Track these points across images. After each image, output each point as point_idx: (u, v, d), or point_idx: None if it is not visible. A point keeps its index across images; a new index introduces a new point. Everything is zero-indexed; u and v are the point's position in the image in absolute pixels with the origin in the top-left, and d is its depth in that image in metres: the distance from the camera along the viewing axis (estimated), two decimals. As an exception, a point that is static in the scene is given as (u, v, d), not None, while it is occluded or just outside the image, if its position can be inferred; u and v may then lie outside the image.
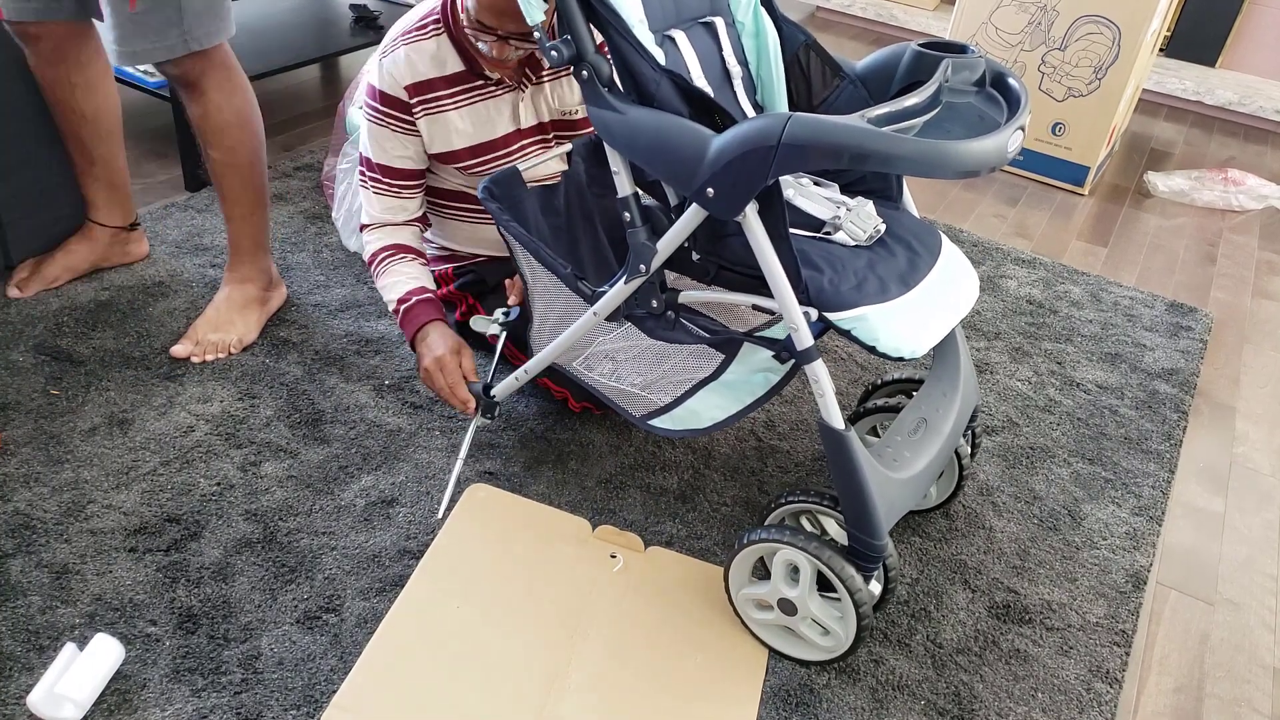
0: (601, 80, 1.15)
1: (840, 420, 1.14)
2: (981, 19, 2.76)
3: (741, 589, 1.29)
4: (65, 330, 1.70)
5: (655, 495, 1.52)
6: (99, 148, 1.72)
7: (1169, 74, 3.52)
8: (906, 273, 1.22)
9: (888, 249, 1.25)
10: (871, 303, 1.14)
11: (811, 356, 1.14)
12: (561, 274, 1.33)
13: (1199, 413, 1.90)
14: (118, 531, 1.35)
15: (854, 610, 1.18)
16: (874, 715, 1.23)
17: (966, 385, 1.37)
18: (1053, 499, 1.61)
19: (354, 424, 1.58)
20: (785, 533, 1.21)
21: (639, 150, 1.14)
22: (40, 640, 1.20)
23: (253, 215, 1.72)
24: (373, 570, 1.34)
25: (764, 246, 1.10)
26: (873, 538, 1.16)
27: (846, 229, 1.24)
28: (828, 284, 1.14)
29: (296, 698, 1.17)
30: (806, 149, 0.99)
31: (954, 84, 1.15)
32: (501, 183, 1.42)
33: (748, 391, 1.28)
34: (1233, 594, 1.50)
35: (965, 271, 1.30)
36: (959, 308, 1.24)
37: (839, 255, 1.21)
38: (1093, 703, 1.28)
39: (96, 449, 1.47)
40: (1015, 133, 1.01)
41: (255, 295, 1.75)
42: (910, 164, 0.96)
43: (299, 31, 2.59)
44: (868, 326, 1.13)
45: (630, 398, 1.37)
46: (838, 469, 1.16)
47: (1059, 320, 2.12)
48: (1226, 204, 2.79)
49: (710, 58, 1.35)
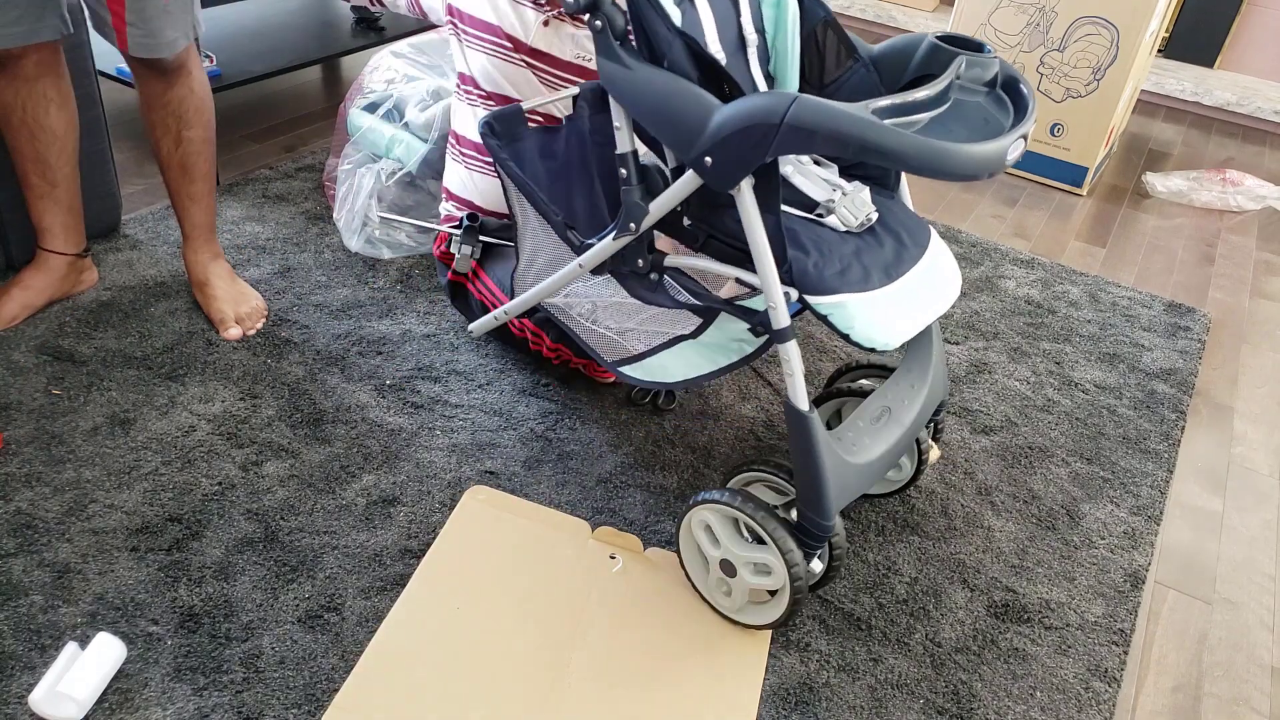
0: (615, 33, 1.15)
1: (805, 401, 1.16)
2: (980, 20, 2.77)
3: (703, 581, 1.32)
4: (67, 330, 1.70)
5: (655, 495, 1.52)
6: (65, 167, 1.68)
7: (1167, 75, 3.52)
8: (891, 264, 1.23)
9: (876, 238, 1.26)
10: (852, 290, 1.16)
11: (786, 336, 1.15)
12: (553, 221, 1.34)
13: (1197, 413, 1.90)
14: (119, 531, 1.35)
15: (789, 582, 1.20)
16: (873, 714, 1.23)
17: (935, 379, 1.38)
18: (1051, 498, 1.61)
19: (355, 424, 1.59)
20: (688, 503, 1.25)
21: (643, 109, 1.14)
22: (42, 639, 1.20)
23: (213, 191, 1.77)
24: (374, 569, 1.34)
25: (753, 222, 1.11)
26: (821, 517, 1.19)
27: (839, 214, 1.25)
28: (812, 267, 1.15)
29: (298, 696, 1.17)
30: (808, 133, 1.00)
31: (965, 81, 1.15)
32: (503, 119, 1.42)
33: (722, 354, 1.30)
34: (1231, 593, 1.50)
35: (949, 269, 1.31)
36: (937, 305, 1.25)
37: (827, 239, 1.22)
38: (1091, 702, 1.28)
39: (98, 449, 1.48)
40: (1017, 141, 1.02)
41: (228, 265, 1.83)
42: (910, 162, 0.96)
43: (300, 33, 2.60)
44: (844, 313, 1.14)
45: (605, 341, 1.38)
46: (797, 448, 1.18)
47: (1057, 320, 2.13)
48: (1225, 204, 2.79)
49: (728, 22, 1.34)
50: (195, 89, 1.64)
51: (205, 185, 1.74)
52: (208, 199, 1.76)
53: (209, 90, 1.69)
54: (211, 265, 1.79)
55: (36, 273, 1.74)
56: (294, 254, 2.01)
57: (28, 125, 1.60)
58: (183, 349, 1.70)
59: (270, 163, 2.37)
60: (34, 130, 1.61)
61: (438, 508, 1.45)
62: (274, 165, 2.34)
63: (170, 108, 1.63)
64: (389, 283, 1.95)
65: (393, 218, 2.00)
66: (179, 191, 1.73)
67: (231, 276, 1.81)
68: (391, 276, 1.97)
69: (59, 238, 1.74)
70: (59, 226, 1.73)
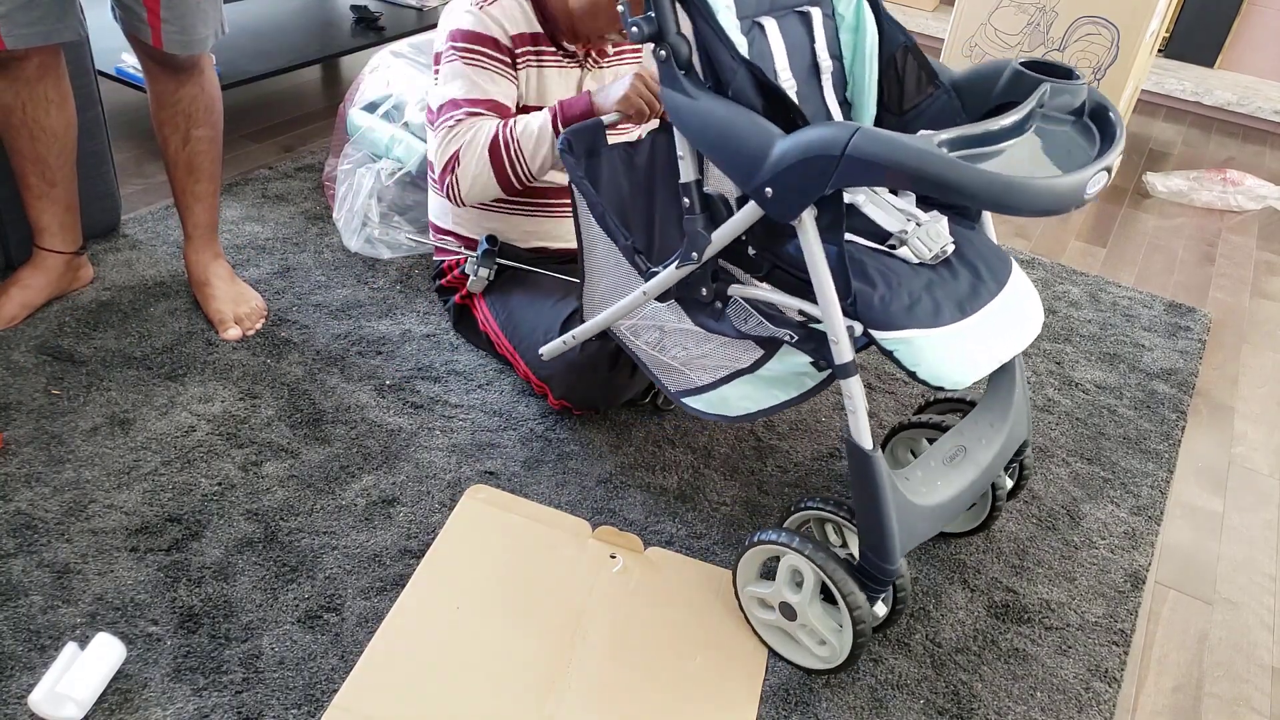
0: (679, 62, 1.13)
1: (869, 440, 1.12)
2: (980, 20, 2.76)
3: (748, 585, 1.29)
4: (66, 330, 1.70)
5: (655, 495, 1.52)
6: (64, 167, 1.68)
7: (1167, 74, 3.52)
8: (966, 299, 1.17)
9: (952, 271, 1.20)
10: (920, 326, 1.11)
11: (849, 371, 1.11)
12: (621, 244, 1.32)
13: (1197, 413, 1.90)
14: (119, 531, 1.35)
15: (852, 626, 1.17)
16: (873, 714, 1.23)
17: (1017, 419, 1.31)
18: (1051, 499, 1.61)
19: (355, 424, 1.58)
20: (794, 539, 1.19)
21: (705, 139, 1.12)
22: (41, 640, 1.20)
23: (218, 192, 1.78)
24: (373, 570, 1.34)
25: (815, 254, 1.08)
26: (885, 561, 1.14)
27: (912, 245, 1.20)
28: (878, 300, 1.11)
29: (297, 697, 1.17)
30: (869, 165, 0.96)
31: (1051, 110, 1.10)
32: (582, 135, 1.39)
33: (781, 389, 1.27)
34: (1231, 594, 1.50)
35: (1031, 304, 1.24)
36: (1015, 343, 1.19)
37: (898, 271, 1.17)
38: (1091, 702, 1.28)
39: (98, 449, 1.48)
40: (1099, 174, 0.96)
41: (228, 266, 1.84)
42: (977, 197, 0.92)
43: (300, 32, 2.60)
44: (911, 350, 1.09)
45: (670, 370, 1.36)
46: (859, 489, 1.13)
47: (1058, 320, 2.13)
48: (1225, 204, 2.79)
49: (800, 49, 1.31)
50: (206, 88, 1.66)
51: (210, 185, 1.75)
52: (212, 199, 1.76)
53: (219, 90, 1.70)
54: (212, 265, 1.79)
55: (34, 271, 1.74)
56: (293, 254, 2.01)
57: (28, 126, 1.60)
58: (182, 349, 1.70)
59: (270, 163, 2.36)
60: (34, 131, 1.61)
61: (438, 508, 1.45)
62: (273, 165, 2.34)
63: (180, 106, 1.64)
64: (389, 283, 1.95)
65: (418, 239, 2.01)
66: (184, 190, 1.74)
67: (231, 277, 1.81)
68: (391, 276, 1.97)
69: (56, 236, 1.74)
70: (56, 225, 1.73)
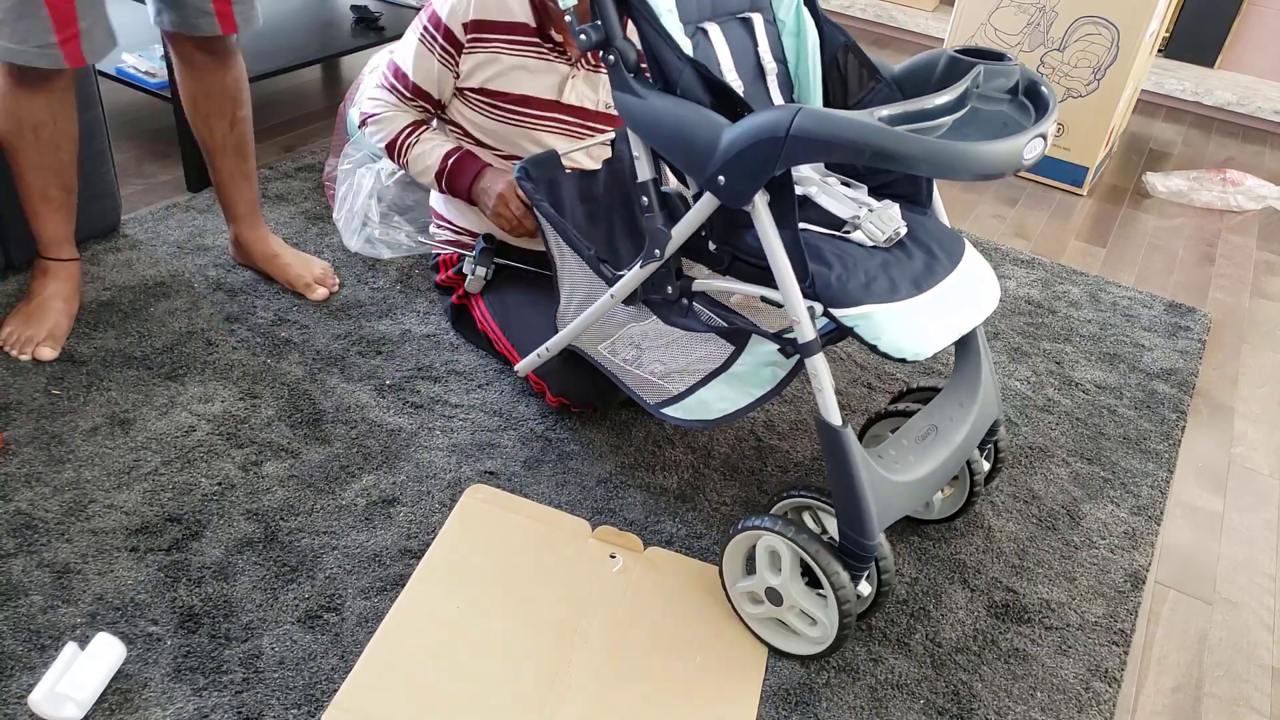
0: (628, 66, 1.19)
1: (837, 416, 1.15)
2: (980, 20, 2.76)
3: (736, 583, 1.30)
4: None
5: (655, 495, 1.52)
6: (75, 172, 1.66)
7: (1168, 74, 3.52)
8: (921, 276, 1.21)
9: (906, 252, 1.25)
10: (878, 301, 1.14)
11: (812, 350, 1.15)
12: (585, 255, 1.37)
13: (1197, 413, 1.90)
14: (119, 531, 1.35)
15: (834, 597, 1.18)
16: (873, 714, 1.23)
17: (985, 397, 1.35)
18: (1051, 499, 1.61)
19: (355, 424, 1.58)
20: (764, 520, 1.22)
21: (658, 136, 1.17)
22: (41, 640, 1.20)
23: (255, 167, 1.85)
24: (373, 570, 1.34)
25: (770, 237, 1.11)
26: (863, 536, 1.16)
27: (865, 228, 1.25)
28: (835, 280, 1.15)
29: (297, 697, 1.17)
30: (814, 142, 1.00)
31: (986, 91, 1.15)
32: (540, 164, 1.48)
33: (756, 384, 1.30)
34: (1231, 594, 1.50)
35: (986, 279, 1.29)
36: (973, 315, 1.23)
37: (853, 254, 1.21)
38: (1091, 702, 1.28)
39: (98, 449, 1.48)
40: (1034, 140, 1.00)
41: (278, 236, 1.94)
42: (919, 163, 0.96)
43: (300, 32, 2.60)
44: (871, 324, 1.13)
45: (647, 385, 1.40)
46: (833, 465, 1.16)
47: (1057, 320, 2.13)
48: (1225, 204, 2.79)
49: (744, 53, 1.37)
50: (243, 69, 1.72)
51: (253, 161, 1.82)
52: (254, 175, 1.84)
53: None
54: (270, 238, 1.88)
55: (65, 283, 1.71)
56: (294, 254, 2.01)
57: (56, 138, 1.58)
58: (182, 349, 1.70)
59: (270, 162, 2.36)
60: (60, 140, 1.59)
61: (437, 508, 1.45)
62: (274, 165, 2.34)
63: (228, 90, 1.69)
64: (389, 283, 1.95)
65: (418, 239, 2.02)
66: (233, 173, 1.78)
67: (287, 245, 1.90)
68: (391, 276, 1.97)
69: (69, 244, 1.73)
70: (66, 233, 1.72)
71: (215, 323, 1.77)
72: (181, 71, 1.69)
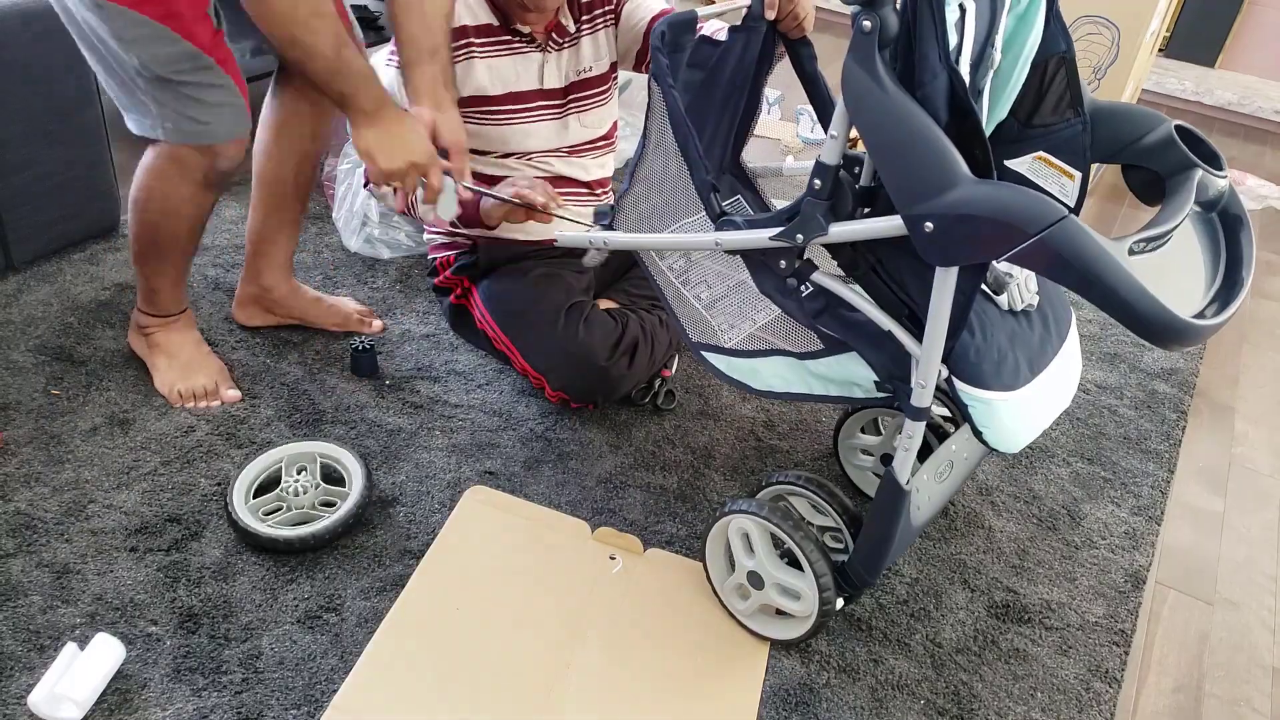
0: (883, 40, 0.96)
1: (908, 476, 1.14)
2: (981, 19, 2.76)
3: (723, 581, 1.31)
4: (66, 330, 1.70)
5: (655, 495, 1.52)
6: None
7: (1168, 74, 3.52)
8: (1035, 355, 1.16)
9: (1029, 321, 1.19)
10: (1002, 389, 1.10)
11: (922, 416, 1.10)
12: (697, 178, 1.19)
13: (1198, 413, 1.90)
14: (118, 531, 1.35)
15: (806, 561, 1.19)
16: (873, 715, 1.23)
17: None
18: (1052, 499, 1.61)
19: (354, 424, 1.58)
20: (732, 503, 1.24)
21: (879, 137, 0.98)
22: (41, 640, 1.20)
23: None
24: (373, 570, 1.34)
25: (943, 300, 1.01)
26: (871, 575, 1.20)
27: (1010, 293, 1.16)
28: (974, 353, 1.08)
29: (297, 697, 1.17)
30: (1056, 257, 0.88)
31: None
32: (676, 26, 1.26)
33: (822, 386, 1.22)
34: (1232, 594, 1.50)
35: (1076, 362, 1.26)
36: (1063, 403, 1.21)
37: (991, 318, 1.14)
38: (1092, 702, 1.28)
39: (97, 449, 1.47)
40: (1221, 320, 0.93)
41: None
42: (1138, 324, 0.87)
43: (299, 32, 2.59)
44: (988, 412, 1.09)
45: (698, 322, 1.29)
46: (879, 515, 1.17)
47: (1058, 320, 2.12)
48: (1226, 204, 2.79)
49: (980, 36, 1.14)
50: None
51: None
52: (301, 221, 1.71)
53: None
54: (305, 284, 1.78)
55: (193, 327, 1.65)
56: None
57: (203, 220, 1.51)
58: (182, 349, 1.69)
59: (270, 162, 2.36)
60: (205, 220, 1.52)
61: (438, 508, 1.45)
62: (274, 165, 2.34)
63: (316, 123, 1.57)
64: (388, 283, 1.94)
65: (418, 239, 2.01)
66: (290, 218, 1.65)
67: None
68: (391, 276, 1.96)
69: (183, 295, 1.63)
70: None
71: (214, 323, 1.77)
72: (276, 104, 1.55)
